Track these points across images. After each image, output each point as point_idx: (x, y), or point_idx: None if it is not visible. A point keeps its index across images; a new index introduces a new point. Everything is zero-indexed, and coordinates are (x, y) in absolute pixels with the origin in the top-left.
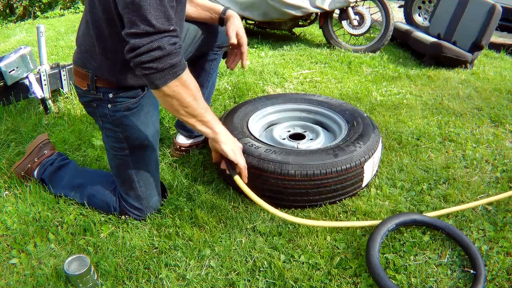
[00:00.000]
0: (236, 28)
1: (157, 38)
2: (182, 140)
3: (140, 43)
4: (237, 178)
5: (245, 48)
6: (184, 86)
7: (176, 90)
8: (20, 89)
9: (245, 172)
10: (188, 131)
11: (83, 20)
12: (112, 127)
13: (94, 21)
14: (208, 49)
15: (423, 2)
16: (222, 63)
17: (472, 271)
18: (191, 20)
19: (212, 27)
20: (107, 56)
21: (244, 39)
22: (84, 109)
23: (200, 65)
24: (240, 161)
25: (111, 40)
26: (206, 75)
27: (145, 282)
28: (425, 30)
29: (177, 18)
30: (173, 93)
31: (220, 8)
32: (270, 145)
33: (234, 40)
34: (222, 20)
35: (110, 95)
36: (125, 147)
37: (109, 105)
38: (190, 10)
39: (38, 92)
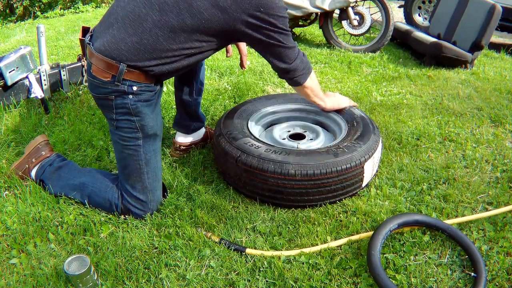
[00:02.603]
0: None
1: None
2: (181, 139)
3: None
4: None
5: (239, 48)
6: (312, 80)
7: (309, 83)
8: (20, 89)
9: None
10: (186, 128)
11: (156, 18)
12: (129, 116)
13: (181, 29)
14: None
15: (423, 2)
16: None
17: (473, 274)
18: None
19: None
20: (168, 55)
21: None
22: (95, 101)
23: None
24: (346, 104)
25: (187, 51)
26: (192, 72)
27: (145, 282)
28: (425, 30)
29: None
30: (310, 85)
31: None
32: (270, 145)
33: (228, 51)
34: None
35: (134, 88)
36: (139, 137)
37: (131, 96)
38: None
39: (38, 92)
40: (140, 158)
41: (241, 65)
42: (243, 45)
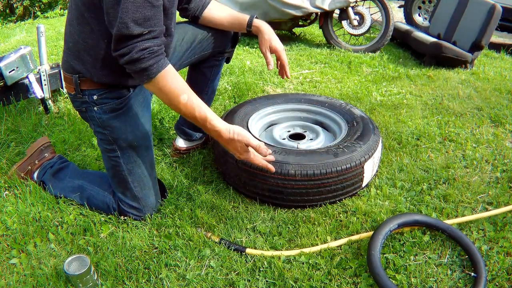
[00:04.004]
0: (267, 44)
1: (128, 44)
2: (181, 143)
3: (117, 46)
4: None
5: (282, 58)
6: (162, 86)
7: (158, 87)
8: (20, 89)
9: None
10: (187, 135)
11: (68, 16)
12: (101, 129)
13: (77, 17)
14: (209, 55)
15: (423, 2)
16: (225, 66)
17: (473, 274)
18: (197, 26)
19: (212, 33)
20: (89, 53)
21: (279, 50)
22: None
23: (200, 71)
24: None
25: (92, 37)
26: (206, 81)
27: (145, 282)
28: (425, 30)
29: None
30: (157, 90)
31: (246, 18)
32: (270, 145)
33: (270, 64)
34: (250, 31)
35: (95, 97)
36: (115, 149)
37: (95, 108)
38: (224, 19)
39: (38, 92)
40: (122, 168)
41: (282, 74)
42: (282, 54)
